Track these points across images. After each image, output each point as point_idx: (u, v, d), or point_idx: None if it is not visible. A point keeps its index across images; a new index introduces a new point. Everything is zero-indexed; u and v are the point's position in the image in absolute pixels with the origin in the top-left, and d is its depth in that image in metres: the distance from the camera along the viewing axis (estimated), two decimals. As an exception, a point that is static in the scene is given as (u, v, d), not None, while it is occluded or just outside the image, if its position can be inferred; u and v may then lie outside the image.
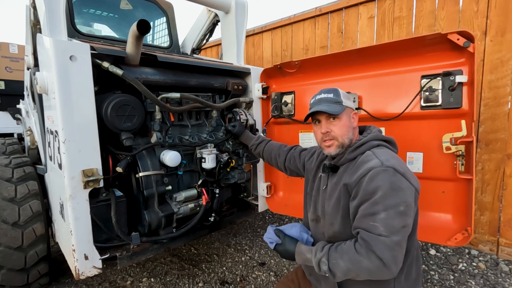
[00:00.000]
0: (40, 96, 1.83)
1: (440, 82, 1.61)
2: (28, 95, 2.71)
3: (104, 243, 1.65)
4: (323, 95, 1.25)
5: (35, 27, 2.13)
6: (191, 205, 1.97)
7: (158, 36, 3.31)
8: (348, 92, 1.91)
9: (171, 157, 1.79)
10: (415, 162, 1.75)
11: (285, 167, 1.73)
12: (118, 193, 1.72)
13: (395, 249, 0.97)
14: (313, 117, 1.27)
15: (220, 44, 3.62)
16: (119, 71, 1.57)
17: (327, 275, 1.07)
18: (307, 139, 2.27)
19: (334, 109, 1.18)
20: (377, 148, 1.16)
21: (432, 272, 2.37)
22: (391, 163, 1.05)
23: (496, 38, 2.41)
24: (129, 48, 1.63)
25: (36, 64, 1.94)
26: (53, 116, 1.53)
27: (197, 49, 3.32)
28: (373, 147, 1.17)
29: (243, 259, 2.64)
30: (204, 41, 3.25)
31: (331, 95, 1.23)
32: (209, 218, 2.08)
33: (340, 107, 1.20)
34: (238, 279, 2.34)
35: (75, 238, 1.45)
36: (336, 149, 1.21)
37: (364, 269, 0.99)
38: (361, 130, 1.31)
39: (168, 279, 2.34)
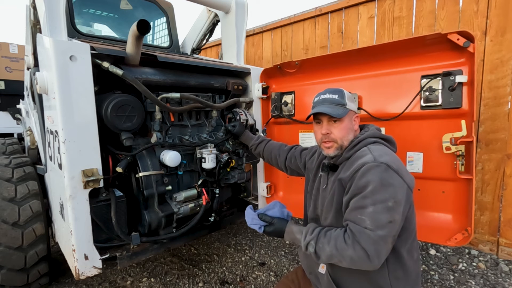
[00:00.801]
0: (40, 96, 1.83)
1: (440, 82, 1.60)
2: (28, 95, 2.71)
3: (104, 243, 1.65)
4: (328, 95, 1.24)
5: (35, 27, 2.13)
6: (191, 205, 1.97)
7: (158, 36, 3.31)
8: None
9: (171, 157, 1.79)
10: (415, 162, 1.75)
11: (285, 167, 1.74)
12: (118, 193, 1.72)
13: (379, 243, 0.98)
14: (315, 116, 1.27)
15: (220, 44, 3.62)
16: (119, 71, 1.57)
17: (311, 255, 1.11)
18: (307, 139, 2.27)
19: (337, 112, 1.18)
20: (373, 145, 1.17)
21: (432, 272, 2.37)
22: (384, 159, 1.06)
23: (496, 38, 2.41)
24: (129, 48, 1.63)
25: (36, 64, 1.93)
26: (53, 116, 1.53)
27: (197, 49, 3.32)
28: (369, 143, 1.18)
29: (243, 259, 2.64)
30: (204, 41, 3.25)
31: (335, 96, 1.22)
32: (209, 218, 2.08)
33: (343, 110, 1.19)
34: (238, 279, 2.34)
35: (75, 238, 1.45)
36: (335, 151, 1.22)
37: (347, 257, 1.02)
38: (360, 129, 1.31)
39: (168, 279, 2.34)
